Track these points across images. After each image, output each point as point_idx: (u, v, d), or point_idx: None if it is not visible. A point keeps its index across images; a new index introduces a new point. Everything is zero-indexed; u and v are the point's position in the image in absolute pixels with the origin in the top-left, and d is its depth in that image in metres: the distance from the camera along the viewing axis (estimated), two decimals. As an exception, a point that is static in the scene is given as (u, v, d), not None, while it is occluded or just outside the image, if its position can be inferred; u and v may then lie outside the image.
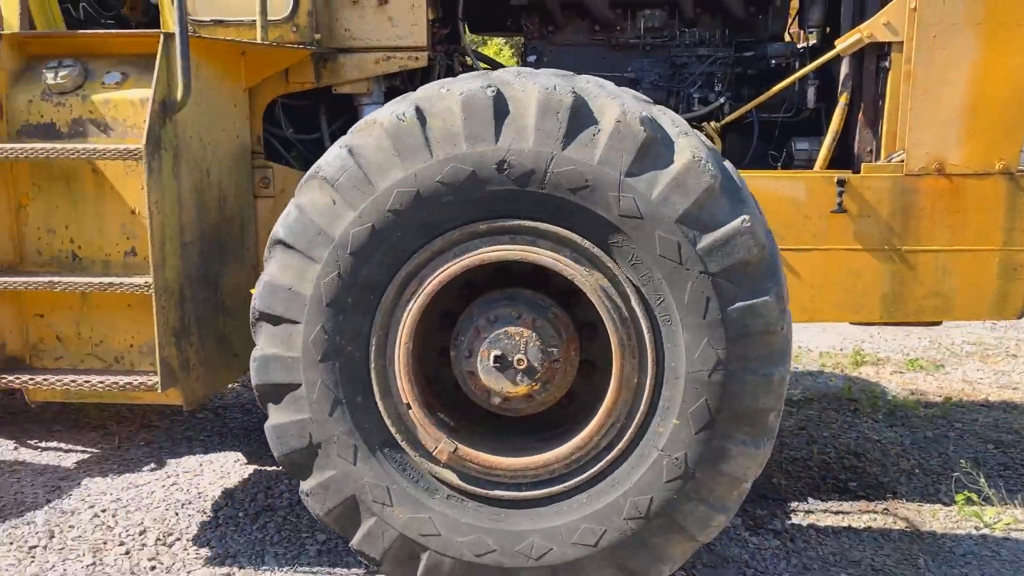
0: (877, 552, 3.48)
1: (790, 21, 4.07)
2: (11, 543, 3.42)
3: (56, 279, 3.03)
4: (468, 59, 4.17)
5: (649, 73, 3.98)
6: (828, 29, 3.92)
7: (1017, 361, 6.24)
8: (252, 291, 3.04)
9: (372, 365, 2.76)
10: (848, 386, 5.46)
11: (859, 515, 3.80)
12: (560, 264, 2.62)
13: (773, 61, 3.86)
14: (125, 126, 3.03)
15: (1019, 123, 3.49)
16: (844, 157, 3.76)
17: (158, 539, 3.50)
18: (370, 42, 3.65)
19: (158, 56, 2.94)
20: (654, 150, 2.57)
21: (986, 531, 3.64)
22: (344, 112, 3.84)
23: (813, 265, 3.58)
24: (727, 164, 2.71)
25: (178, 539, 3.51)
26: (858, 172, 3.57)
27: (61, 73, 3.05)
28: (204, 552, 3.42)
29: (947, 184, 3.50)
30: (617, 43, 4.04)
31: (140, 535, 3.54)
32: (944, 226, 3.53)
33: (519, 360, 2.71)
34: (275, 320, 2.74)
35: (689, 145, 2.58)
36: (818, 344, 6.65)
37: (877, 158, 3.61)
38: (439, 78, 3.51)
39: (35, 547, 3.42)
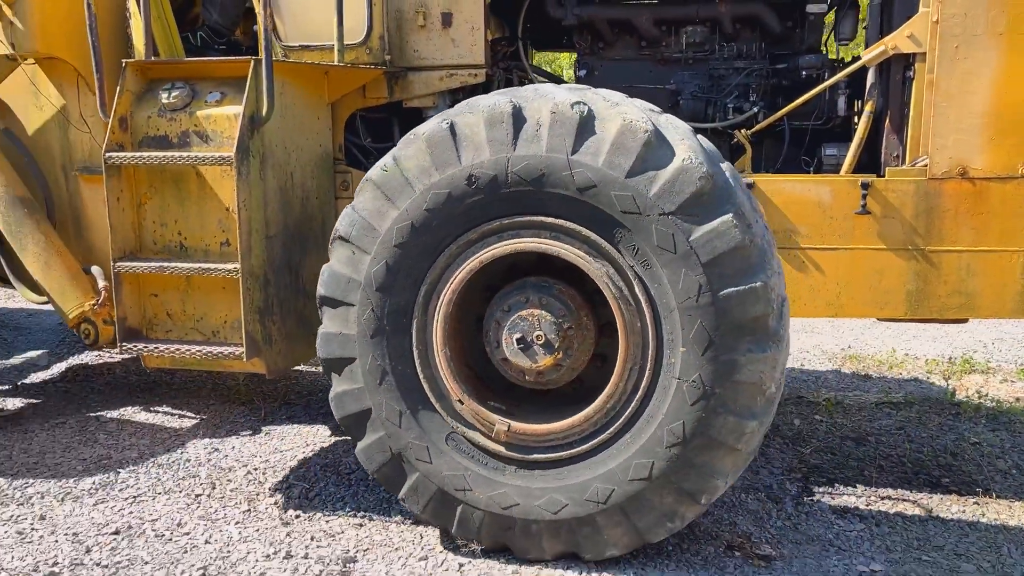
0: (961, 539, 3.48)
1: (827, 34, 4.21)
2: (180, 491, 3.90)
3: (166, 264, 3.56)
4: (527, 73, 4.44)
5: (689, 85, 4.20)
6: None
7: None
8: None
9: (414, 341, 3.12)
10: (951, 391, 5.35)
11: (948, 507, 3.78)
12: (571, 253, 2.93)
13: (804, 72, 4.02)
14: (222, 137, 3.51)
15: None
16: (872, 162, 3.88)
17: (301, 493, 3.90)
18: (435, 61, 4.01)
19: (248, 79, 3.43)
20: (652, 152, 2.83)
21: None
22: (415, 123, 4.20)
23: (839, 263, 3.70)
24: (725, 166, 2.95)
25: (317, 495, 3.88)
26: (882, 176, 3.68)
27: (173, 93, 3.58)
28: (341, 506, 3.77)
29: (970, 187, 3.58)
30: (661, 57, 4.27)
31: (287, 489, 3.92)
32: (967, 227, 3.60)
33: (537, 336, 3.02)
34: (335, 303, 3.17)
35: (685, 149, 2.83)
36: (926, 352, 6.49)
37: (903, 163, 3.72)
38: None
39: (200, 495, 3.86)
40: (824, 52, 4.21)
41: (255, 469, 4.16)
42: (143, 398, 5.29)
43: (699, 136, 3.06)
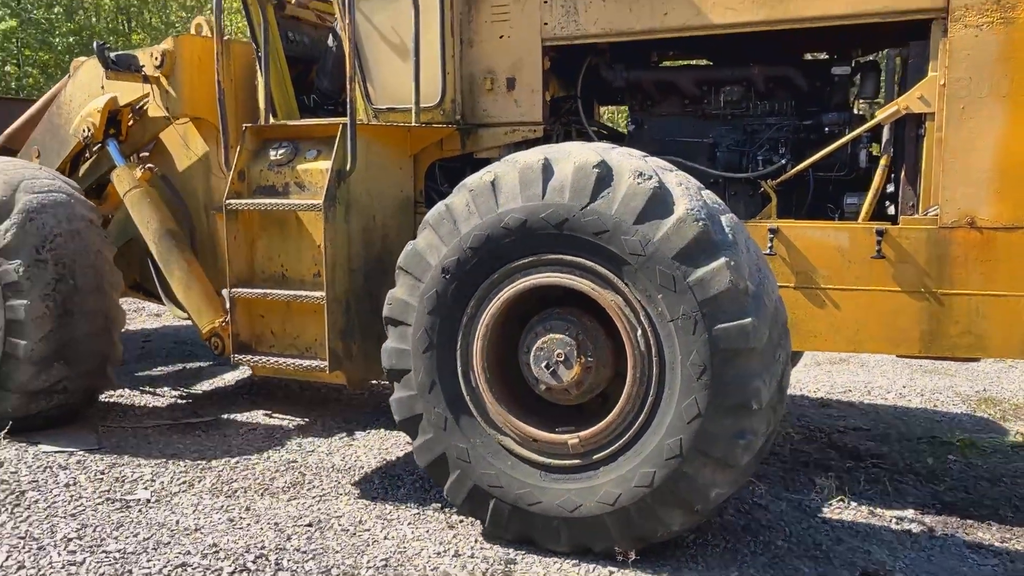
0: None
1: (854, 94, 4.41)
2: (358, 493, 4.24)
3: (270, 291, 4.20)
4: (584, 127, 4.74)
5: (726, 138, 4.43)
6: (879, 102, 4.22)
7: None
8: None
9: (458, 358, 3.54)
10: None
11: None
12: (586, 285, 3.30)
13: (828, 128, 4.21)
14: (316, 187, 4.10)
15: None
16: (891, 210, 4.05)
17: (415, 482, 4.39)
18: (501, 119, 4.48)
19: (337, 139, 4.06)
20: (656, 204, 3.16)
21: None
22: None
23: (857, 303, 3.84)
24: (726, 219, 3.25)
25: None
26: (896, 224, 3.83)
27: (280, 151, 4.22)
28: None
29: (978, 236, 3.69)
30: (702, 113, 4.53)
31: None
32: (976, 273, 3.69)
33: (559, 358, 3.39)
34: (396, 323, 3.66)
35: (686, 202, 3.16)
36: None
37: (916, 212, 3.85)
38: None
39: (375, 498, 4.19)
40: (850, 109, 4.35)
41: (420, 478, 4.41)
42: (317, 410, 5.77)
43: (705, 191, 3.35)
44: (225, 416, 5.62)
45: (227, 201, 4.22)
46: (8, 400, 4.87)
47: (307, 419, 5.58)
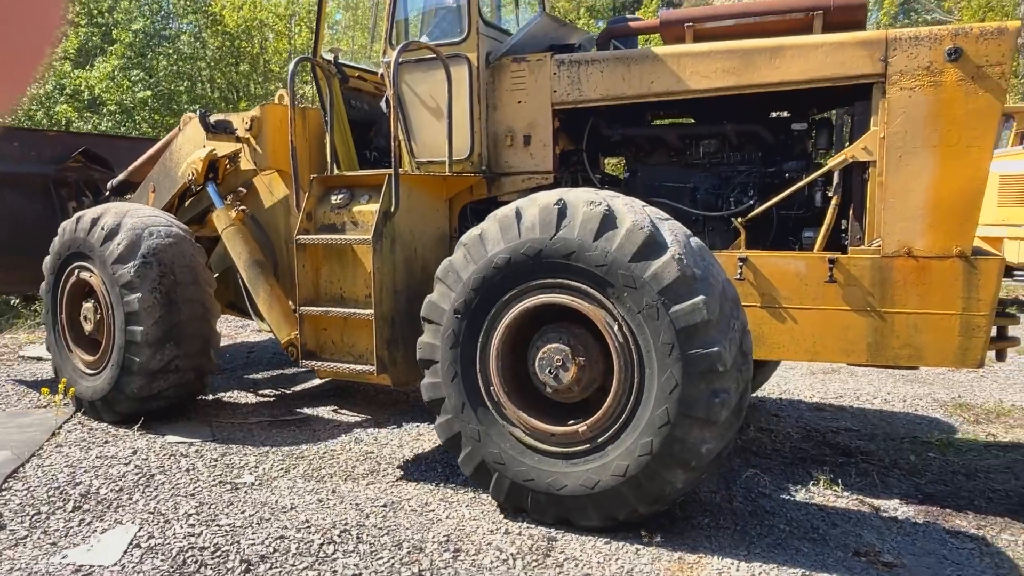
0: None
1: (810, 145, 4.40)
2: (425, 480, 4.28)
3: (331, 310, 4.34)
4: (588, 175, 4.84)
5: (704, 183, 4.49)
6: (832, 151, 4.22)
7: None
8: None
9: (478, 355, 3.62)
10: None
11: None
12: (584, 306, 3.37)
13: (788, 174, 4.24)
14: (367, 225, 4.24)
15: (971, 219, 3.65)
16: (841, 242, 4.07)
17: (440, 460, 4.53)
18: (519, 169, 4.60)
19: (384, 187, 4.23)
20: (649, 247, 3.21)
21: None
22: None
23: (813, 319, 3.88)
24: (707, 263, 3.28)
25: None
26: (845, 253, 3.87)
27: (339, 196, 4.39)
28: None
29: (915, 263, 3.73)
30: (685, 163, 4.60)
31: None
32: (913, 294, 3.73)
33: (559, 362, 3.46)
34: (430, 322, 3.74)
35: (675, 247, 3.20)
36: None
37: (863, 244, 3.88)
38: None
39: (439, 483, 4.24)
40: (807, 158, 4.36)
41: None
42: (390, 411, 5.84)
43: (692, 238, 3.37)
44: (315, 414, 5.73)
45: (297, 237, 4.41)
46: (134, 381, 5.08)
47: (382, 418, 5.64)
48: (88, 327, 5.45)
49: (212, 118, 5.38)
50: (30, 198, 6.57)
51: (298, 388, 6.64)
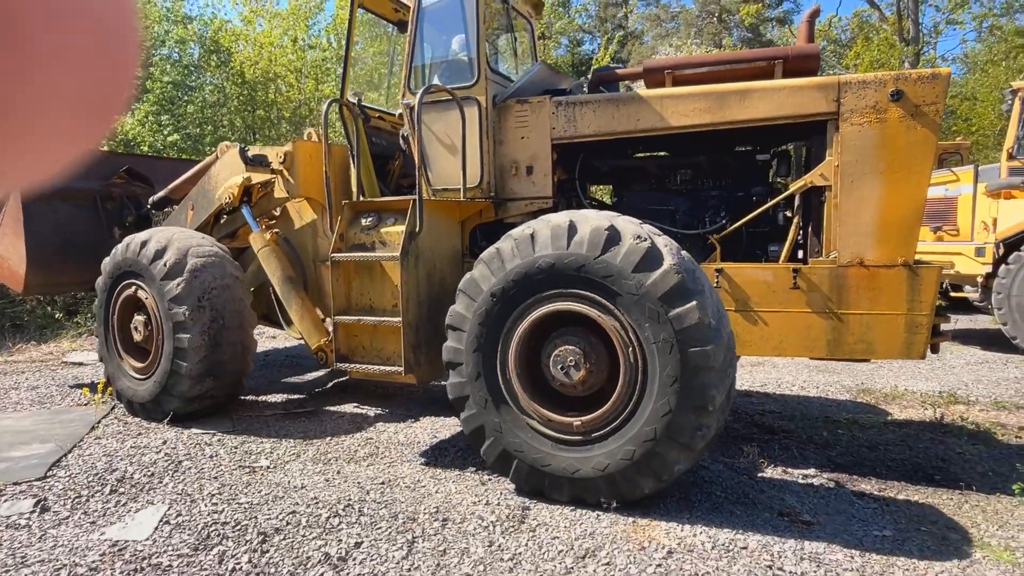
0: (950, 519, 3.45)
1: (770, 172, 4.42)
2: (417, 461, 4.21)
3: (363, 318, 4.21)
4: (581, 200, 4.81)
5: (682, 206, 4.46)
6: (790, 178, 4.25)
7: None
8: None
9: (498, 358, 3.52)
10: (941, 415, 5.21)
11: (940, 496, 3.74)
12: (594, 313, 3.30)
13: (755, 197, 4.24)
14: (394, 244, 4.14)
15: (912, 233, 3.67)
16: (802, 254, 4.08)
17: (457, 452, 4.34)
18: (522, 195, 4.51)
19: (409, 211, 4.15)
20: (649, 259, 3.16)
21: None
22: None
23: (780, 321, 3.86)
24: (695, 268, 3.21)
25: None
26: (807, 264, 3.88)
27: (368, 219, 4.28)
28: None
29: (866, 272, 3.74)
30: (665, 189, 4.56)
31: (481, 463, 3.92)
32: (865, 298, 3.73)
33: (570, 362, 3.38)
34: (455, 329, 3.62)
35: (671, 259, 3.14)
36: (921, 388, 6.23)
37: (821, 255, 3.89)
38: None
39: (429, 463, 4.25)
40: (770, 184, 4.37)
41: (461, 449, 4.45)
42: (387, 403, 5.76)
43: (683, 251, 3.31)
44: (323, 407, 5.63)
45: (332, 255, 4.28)
46: (172, 402, 4.93)
47: (380, 409, 5.59)
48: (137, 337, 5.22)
49: (250, 152, 5.22)
50: (79, 210, 6.35)
51: (308, 386, 6.52)
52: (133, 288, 5.23)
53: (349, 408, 5.62)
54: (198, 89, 15.56)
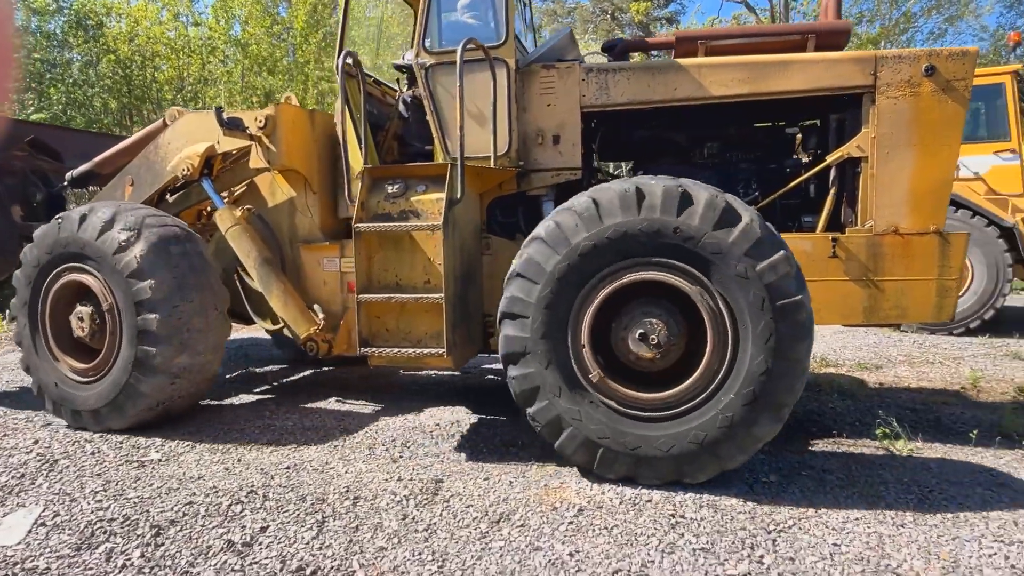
0: (826, 463, 3.70)
1: (797, 145, 4.56)
2: (324, 444, 4.07)
3: (388, 296, 3.81)
4: (603, 173, 4.80)
5: (710, 180, 4.29)
6: (820, 151, 4.38)
7: (933, 366, 6.25)
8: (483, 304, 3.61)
9: (569, 341, 3.30)
10: (814, 377, 5.62)
11: (816, 445, 3.99)
12: (675, 280, 3.17)
13: (787, 170, 4.34)
14: (427, 213, 3.81)
15: (943, 202, 3.87)
16: (836, 224, 4.19)
17: (401, 444, 4.03)
18: (549, 166, 4.29)
19: (447, 176, 3.79)
20: (728, 216, 3.10)
21: (896, 453, 3.88)
22: (534, 206, 4.42)
23: (817, 289, 3.87)
24: (768, 224, 3.19)
25: (411, 444, 4.02)
26: (844, 233, 3.99)
27: (395, 186, 3.89)
28: (427, 451, 3.97)
29: (900, 240, 3.90)
30: (692, 163, 4.54)
31: (391, 442, 4.09)
32: (900, 265, 3.89)
33: (649, 334, 3.25)
34: (514, 316, 3.34)
35: (747, 214, 3.11)
36: None
37: (857, 225, 4.03)
38: (587, 185, 4.12)
39: (337, 446, 4.04)
40: (798, 157, 4.49)
41: (370, 430, 4.33)
42: (291, 392, 5.47)
43: (752, 207, 3.27)
44: (216, 399, 5.26)
45: (356, 225, 3.82)
46: (139, 402, 4.23)
47: (281, 396, 5.37)
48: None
49: (225, 115, 4.57)
50: None
51: (223, 376, 6.07)
52: (73, 274, 4.40)
53: (248, 397, 5.36)
54: (62, 66, 13.64)
